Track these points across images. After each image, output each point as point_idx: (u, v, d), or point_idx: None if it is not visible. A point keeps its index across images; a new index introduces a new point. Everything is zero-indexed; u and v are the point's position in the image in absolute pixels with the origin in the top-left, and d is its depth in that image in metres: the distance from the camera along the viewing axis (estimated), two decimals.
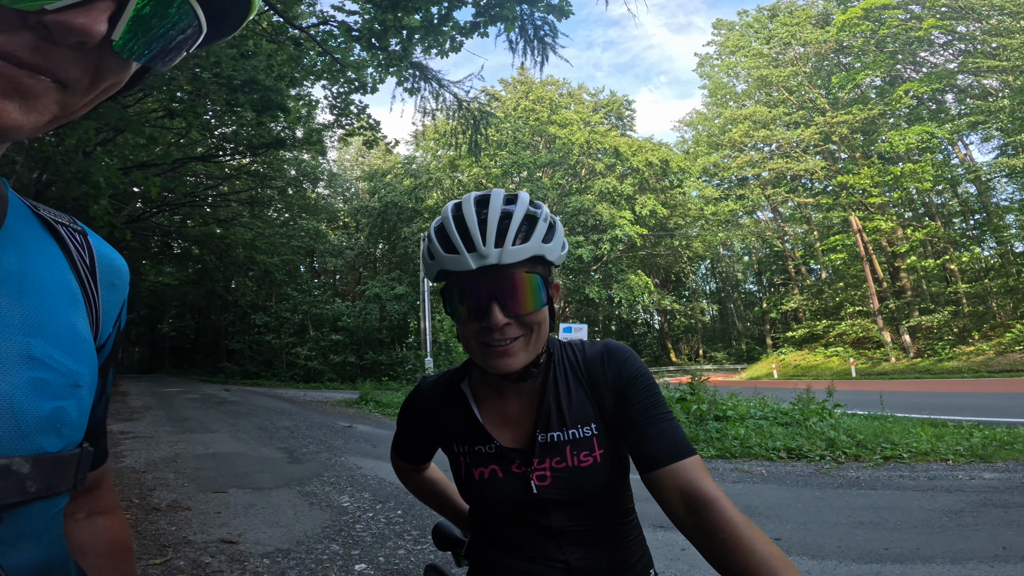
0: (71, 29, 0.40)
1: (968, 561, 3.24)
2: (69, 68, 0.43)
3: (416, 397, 1.11)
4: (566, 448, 0.96)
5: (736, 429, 7.30)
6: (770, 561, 0.74)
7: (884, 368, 26.91)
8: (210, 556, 3.63)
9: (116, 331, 0.66)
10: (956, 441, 6.27)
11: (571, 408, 0.98)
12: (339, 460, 7.06)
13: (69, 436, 0.52)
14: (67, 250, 0.59)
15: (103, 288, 0.62)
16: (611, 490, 0.97)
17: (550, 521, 0.96)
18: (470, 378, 1.06)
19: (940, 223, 29.38)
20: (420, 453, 1.19)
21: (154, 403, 15.00)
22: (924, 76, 28.27)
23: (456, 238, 0.89)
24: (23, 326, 0.49)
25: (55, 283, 0.55)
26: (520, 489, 0.95)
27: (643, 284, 35.37)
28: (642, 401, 0.95)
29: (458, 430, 1.03)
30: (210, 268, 30.23)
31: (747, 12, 38.48)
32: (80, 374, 0.54)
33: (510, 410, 1.01)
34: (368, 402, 14.91)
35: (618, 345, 1.02)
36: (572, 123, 37.19)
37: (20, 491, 0.47)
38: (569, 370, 1.01)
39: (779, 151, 35.87)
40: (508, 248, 0.87)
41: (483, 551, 1.05)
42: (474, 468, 0.99)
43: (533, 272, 0.90)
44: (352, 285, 42.80)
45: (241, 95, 8.39)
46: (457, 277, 0.91)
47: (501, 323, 0.88)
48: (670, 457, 0.88)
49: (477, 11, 7.02)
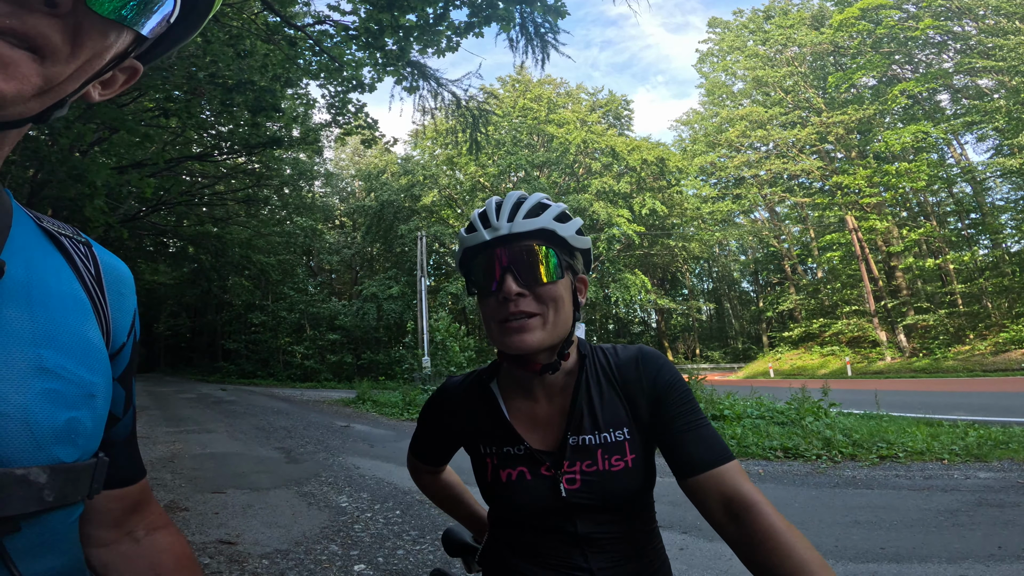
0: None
1: (964, 560, 3.26)
2: (46, 33, 0.41)
3: (442, 396, 1.10)
4: (597, 452, 0.95)
5: (733, 428, 7.33)
6: (809, 566, 0.74)
7: (880, 367, 27.02)
8: (209, 557, 3.63)
9: (132, 340, 0.66)
10: (951, 440, 6.30)
11: (603, 411, 0.97)
12: (337, 460, 7.06)
13: (84, 446, 0.53)
14: (72, 261, 0.59)
15: (111, 297, 0.62)
16: (640, 496, 0.97)
17: (576, 527, 0.94)
18: (499, 378, 1.05)
19: (935, 223, 29.49)
20: (439, 455, 1.18)
21: (150, 403, 14.96)
22: (919, 76, 28.37)
23: (477, 221, 0.97)
24: (34, 337, 0.49)
25: (63, 294, 0.55)
26: (548, 492, 0.94)
27: (640, 283, 35.38)
28: (679, 407, 0.95)
29: (485, 430, 1.01)
30: (206, 267, 30.11)
31: (742, 12, 38.53)
32: (94, 384, 0.54)
33: (540, 411, 1.00)
34: (365, 401, 14.90)
35: (652, 351, 1.02)
36: (570, 122, 37.18)
37: (38, 501, 0.47)
38: (601, 373, 1.01)
39: (775, 151, 35.94)
40: (519, 221, 0.93)
41: (501, 557, 1.03)
42: (501, 470, 0.98)
43: (546, 246, 0.93)
44: (349, 284, 42.74)
45: (236, 95, 8.35)
46: (475, 254, 0.96)
47: (514, 291, 0.90)
48: (710, 463, 0.88)
49: (472, 11, 7.02)
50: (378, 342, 32.67)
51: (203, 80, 7.92)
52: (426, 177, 35.16)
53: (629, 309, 44.60)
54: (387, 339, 32.32)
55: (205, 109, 10.30)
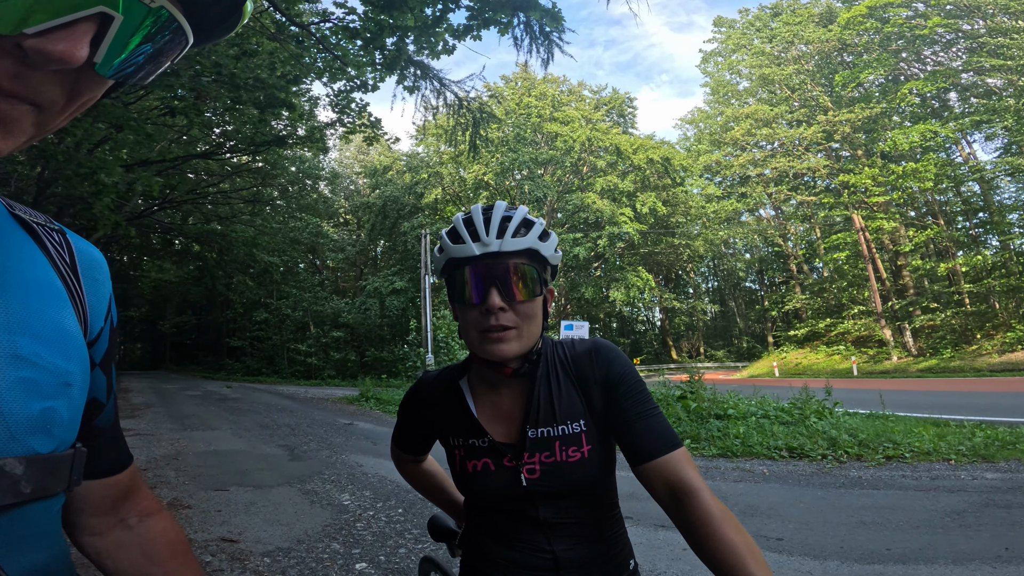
0: (51, 56, 0.38)
1: (971, 562, 3.23)
2: (47, 91, 0.42)
3: (417, 390, 1.16)
4: (555, 443, 1.01)
5: (737, 428, 7.29)
6: (738, 549, 0.81)
7: (886, 367, 26.87)
8: (211, 555, 3.63)
9: (109, 326, 0.65)
10: (958, 441, 6.25)
11: (560, 404, 1.03)
12: (340, 458, 7.07)
13: (60, 437, 0.52)
14: (45, 249, 0.58)
15: (86, 283, 0.61)
16: (598, 484, 1.02)
17: (539, 513, 1.01)
18: (469, 375, 1.11)
19: (943, 222, 29.29)
20: (418, 445, 1.24)
21: (155, 400, 15.03)
22: (928, 74, 28.14)
23: (463, 231, 0.99)
24: (8, 324, 0.48)
25: (38, 281, 0.54)
26: (510, 482, 1.01)
27: (643, 282, 35.30)
28: (630, 398, 1.00)
29: (454, 424, 1.08)
30: (211, 265, 30.24)
31: (748, 11, 38.33)
32: (70, 372, 0.53)
33: (503, 405, 1.06)
34: (369, 399, 14.92)
35: (605, 343, 1.07)
36: (573, 120, 37.10)
37: (14, 492, 0.47)
38: (559, 367, 1.06)
39: (781, 149, 35.75)
40: (508, 239, 0.97)
41: (476, 540, 1.10)
42: (468, 461, 1.04)
43: (529, 264, 0.99)
44: (353, 282, 42.83)
45: (244, 93, 8.38)
46: (461, 265, 0.99)
47: (498, 305, 0.96)
48: (658, 451, 0.95)
49: (471, 14, 7.02)
50: (382, 339, 32.71)
51: (209, 81, 7.94)
52: (430, 175, 35.18)
53: (632, 308, 44.51)
54: (390, 336, 32.34)
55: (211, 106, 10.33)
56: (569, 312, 39.10)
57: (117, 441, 0.69)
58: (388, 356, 29.19)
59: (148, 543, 0.70)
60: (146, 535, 0.70)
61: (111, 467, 0.67)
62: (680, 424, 7.79)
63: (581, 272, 38.81)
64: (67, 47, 0.38)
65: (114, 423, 0.68)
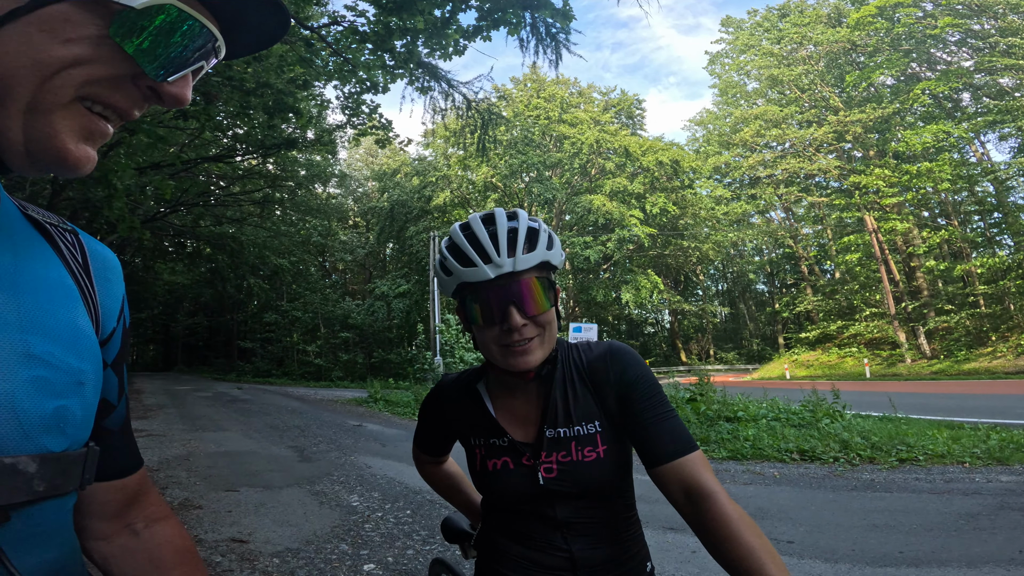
0: (177, 98, 0.50)
1: (984, 565, 3.18)
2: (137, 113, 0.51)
3: (438, 393, 1.19)
4: (571, 443, 1.02)
5: (747, 430, 7.24)
6: (757, 552, 0.81)
7: (899, 369, 26.57)
8: (220, 555, 3.66)
9: (122, 326, 0.65)
10: (973, 443, 6.16)
11: (576, 406, 1.04)
12: (349, 459, 7.09)
13: (73, 435, 0.52)
14: (58, 249, 0.58)
15: (99, 283, 0.62)
16: (613, 485, 1.03)
17: (555, 512, 1.02)
18: (486, 379, 1.14)
19: (957, 223, 28.94)
20: (439, 446, 1.27)
21: (167, 401, 15.16)
22: (941, 74, 27.85)
23: (472, 253, 0.98)
24: (20, 323, 0.49)
25: (51, 281, 0.54)
26: (529, 480, 1.02)
27: (652, 284, 35.14)
28: (645, 400, 1.01)
29: (474, 425, 1.11)
30: (222, 268, 30.46)
31: (756, 11, 38.13)
32: (83, 371, 0.54)
33: (521, 408, 1.09)
34: (377, 401, 14.97)
35: (621, 346, 1.08)
36: (582, 122, 37.07)
37: (28, 490, 0.47)
38: (574, 370, 1.08)
39: (791, 150, 35.50)
40: (520, 257, 0.97)
41: (492, 539, 1.12)
42: (488, 459, 1.07)
43: (541, 276, 0.99)
44: (362, 284, 43.03)
45: (253, 98, 8.44)
46: (474, 288, 0.99)
47: (520, 324, 0.96)
48: (673, 453, 0.95)
49: (480, 15, 7.04)
50: (390, 341, 32.82)
51: (219, 84, 8.01)
52: (438, 178, 35.27)
53: (642, 310, 44.33)
54: (399, 339, 32.45)
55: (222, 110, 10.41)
56: (578, 314, 39.03)
57: (127, 444, 0.68)
58: (395, 358, 29.28)
59: (155, 549, 0.68)
60: (153, 541, 0.69)
61: (120, 470, 0.66)
62: (690, 427, 7.73)
63: (591, 275, 38.73)
64: (185, 92, 0.51)
65: (124, 426, 0.67)
